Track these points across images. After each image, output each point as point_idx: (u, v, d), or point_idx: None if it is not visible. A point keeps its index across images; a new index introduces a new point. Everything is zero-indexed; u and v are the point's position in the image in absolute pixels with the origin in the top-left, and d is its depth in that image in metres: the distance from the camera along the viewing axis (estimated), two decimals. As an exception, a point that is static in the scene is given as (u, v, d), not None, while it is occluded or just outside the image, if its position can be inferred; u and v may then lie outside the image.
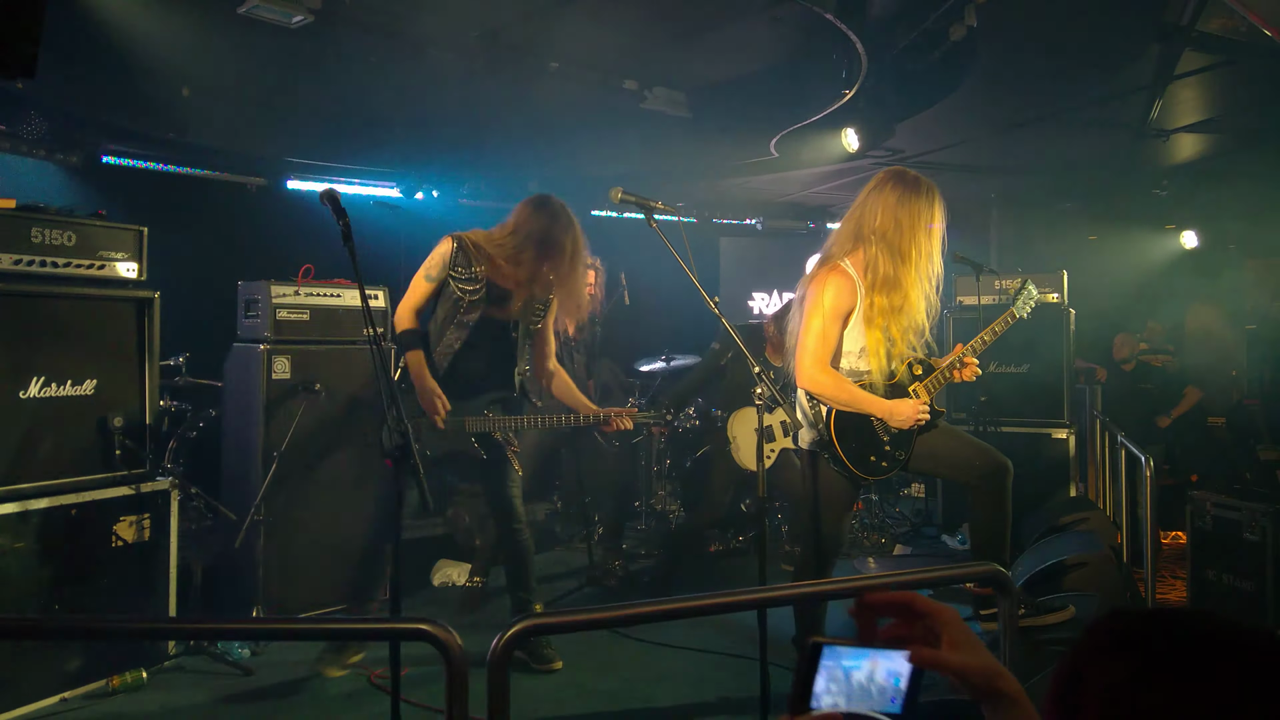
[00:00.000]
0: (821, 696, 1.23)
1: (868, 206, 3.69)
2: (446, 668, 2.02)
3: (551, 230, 4.23)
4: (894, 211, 3.61)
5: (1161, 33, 4.97)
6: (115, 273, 4.31)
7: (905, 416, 3.67)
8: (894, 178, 3.69)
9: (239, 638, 4.18)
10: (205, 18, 4.75)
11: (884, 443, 3.76)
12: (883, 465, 3.78)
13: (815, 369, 3.61)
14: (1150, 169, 8.48)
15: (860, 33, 4.86)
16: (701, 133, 6.59)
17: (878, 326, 3.62)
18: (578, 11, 4.97)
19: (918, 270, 3.61)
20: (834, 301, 3.59)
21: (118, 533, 4.23)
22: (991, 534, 3.93)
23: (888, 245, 3.60)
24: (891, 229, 3.60)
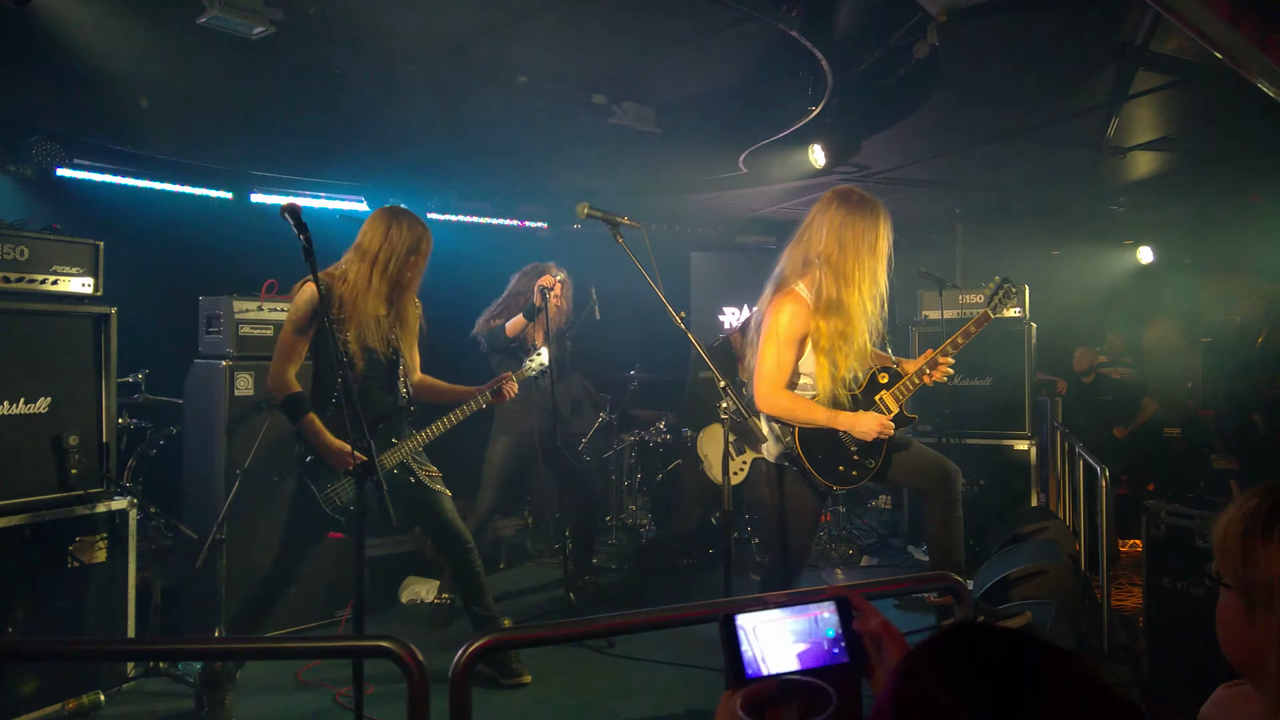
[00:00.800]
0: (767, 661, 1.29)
1: (813, 228, 3.68)
2: (408, 685, 2.02)
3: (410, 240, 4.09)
4: (838, 233, 3.59)
5: (1117, 53, 5.06)
6: (70, 288, 4.23)
7: (868, 429, 3.66)
8: (839, 198, 3.67)
9: (198, 658, 4.10)
10: (163, 29, 4.69)
11: (852, 452, 3.78)
12: (853, 474, 3.79)
13: (772, 392, 3.63)
14: (1109, 186, 8.62)
15: (825, 50, 4.91)
16: (671, 148, 6.62)
17: (822, 350, 3.61)
18: (545, 26, 4.98)
19: (861, 292, 3.59)
20: (789, 326, 3.59)
21: (74, 553, 4.15)
22: (948, 538, 3.98)
23: (832, 268, 3.59)
24: (836, 251, 3.59)
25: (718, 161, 7.14)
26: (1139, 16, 4.64)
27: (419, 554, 5.98)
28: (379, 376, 4.09)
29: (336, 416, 3.86)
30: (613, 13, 4.86)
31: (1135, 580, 6.20)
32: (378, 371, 4.08)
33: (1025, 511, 6.55)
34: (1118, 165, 7.60)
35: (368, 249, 4.03)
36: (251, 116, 6.13)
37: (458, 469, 5.33)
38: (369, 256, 4.01)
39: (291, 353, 3.91)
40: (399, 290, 4.09)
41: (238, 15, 4.41)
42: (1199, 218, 9.38)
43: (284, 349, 3.91)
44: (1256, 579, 1.29)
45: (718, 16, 4.81)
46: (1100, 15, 4.60)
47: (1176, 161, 7.70)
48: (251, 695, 4.24)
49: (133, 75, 5.20)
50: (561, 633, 2.44)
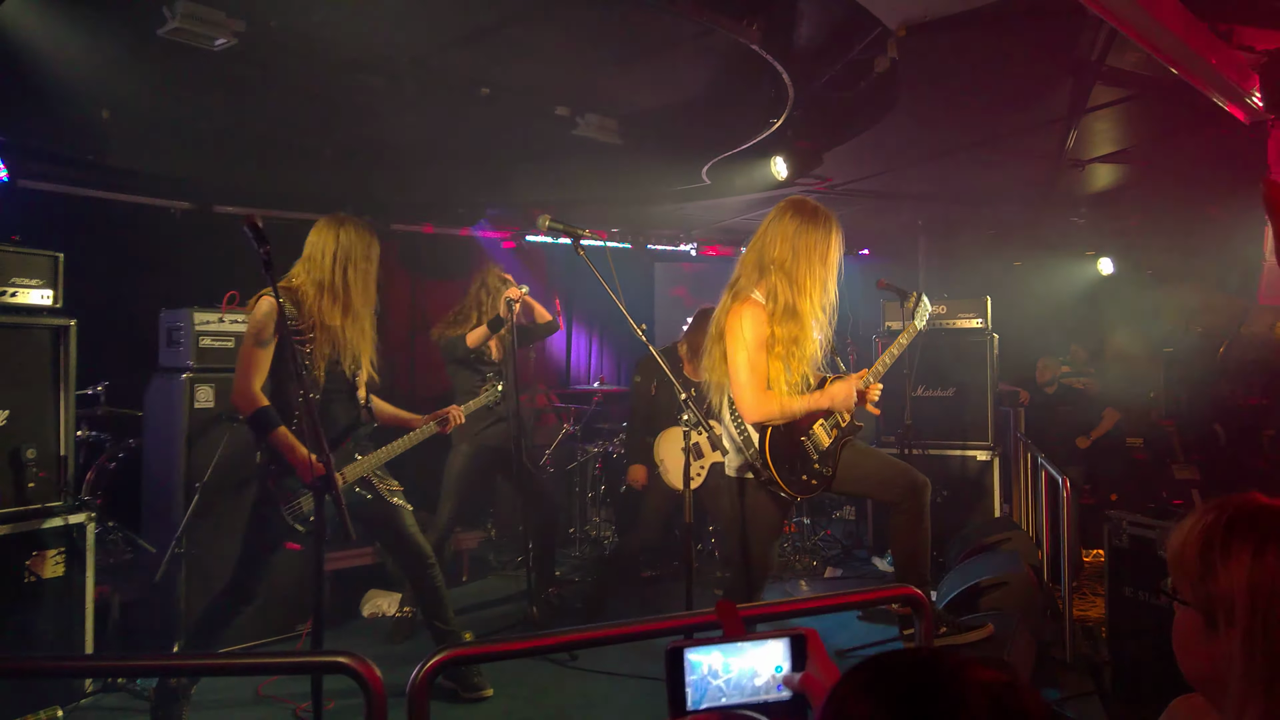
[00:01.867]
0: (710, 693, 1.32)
1: (768, 236, 3.71)
2: (365, 700, 2.02)
3: (359, 247, 4.05)
4: (791, 241, 3.64)
5: (1074, 68, 5.15)
6: (30, 300, 4.20)
7: (847, 395, 3.73)
8: (792, 207, 3.72)
9: (155, 673, 4.06)
10: (124, 39, 4.65)
11: (813, 460, 3.81)
12: (813, 483, 3.82)
13: (757, 398, 3.61)
14: (1069, 197, 8.74)
15: (786, 64, 4.95)
16: (634, 159, 6.64)
17: (777, 356, 3.64)
18: (508, 40, 4.98)
19: (812, 300, 3.65)
20: (754, 332, 3.61)
21: (31, 568, 4.11)
22: (914, 550, 4.01)
23: (785, 275, 3.63)
24: (789, 258, 3.63)
25: (681, 173, 7.17)
26: (1095, 32, 4.73)
27: (381, 567, 5.95)
28: (340, 390, 4.05)
29: (297, 432, 3.82)
30: (575, 26, 4.87)
31: (1098, 590, 6.27)
32: (339, 385, 4.04)
33: (988, 522, 6.60)
34: (1077, 177, 7.71)
35: (318, 259, 3.99)
36: (214, 128, 6.08)
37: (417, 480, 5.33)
38: (320, 266, 3.97)
39: (255, 366, 3.83)
40: (353, 299, 4.03)
41: (200, 27, 4.38)
42: (1158, 229, 9.53)
43: (247, 363, 3.82)
44: (1216, 594, 1.27)
45: (679, 30, 4.84)
46: (1057, 31, 4.67)
47: (1135, 174, 7.83)
48: (210, 711, 4.21)
49: (94, 86, 5.16)
50: (521, 646, 2.43)
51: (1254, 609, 1.23)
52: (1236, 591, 1.25)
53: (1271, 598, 1.22)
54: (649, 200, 8.24)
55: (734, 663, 1.38)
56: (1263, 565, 1.23)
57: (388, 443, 4.24)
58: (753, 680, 1.38)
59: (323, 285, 3.95)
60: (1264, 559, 1.23)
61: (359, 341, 4.09)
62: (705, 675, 1.36)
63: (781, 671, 1.39)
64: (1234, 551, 1.26)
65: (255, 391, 3.81)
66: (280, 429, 3.78)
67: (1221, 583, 1.26)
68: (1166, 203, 8.62)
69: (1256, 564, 1.23)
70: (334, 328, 3.96)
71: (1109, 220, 9.47)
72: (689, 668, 1.35)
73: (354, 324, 4.05)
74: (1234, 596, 1.25)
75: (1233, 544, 1.27)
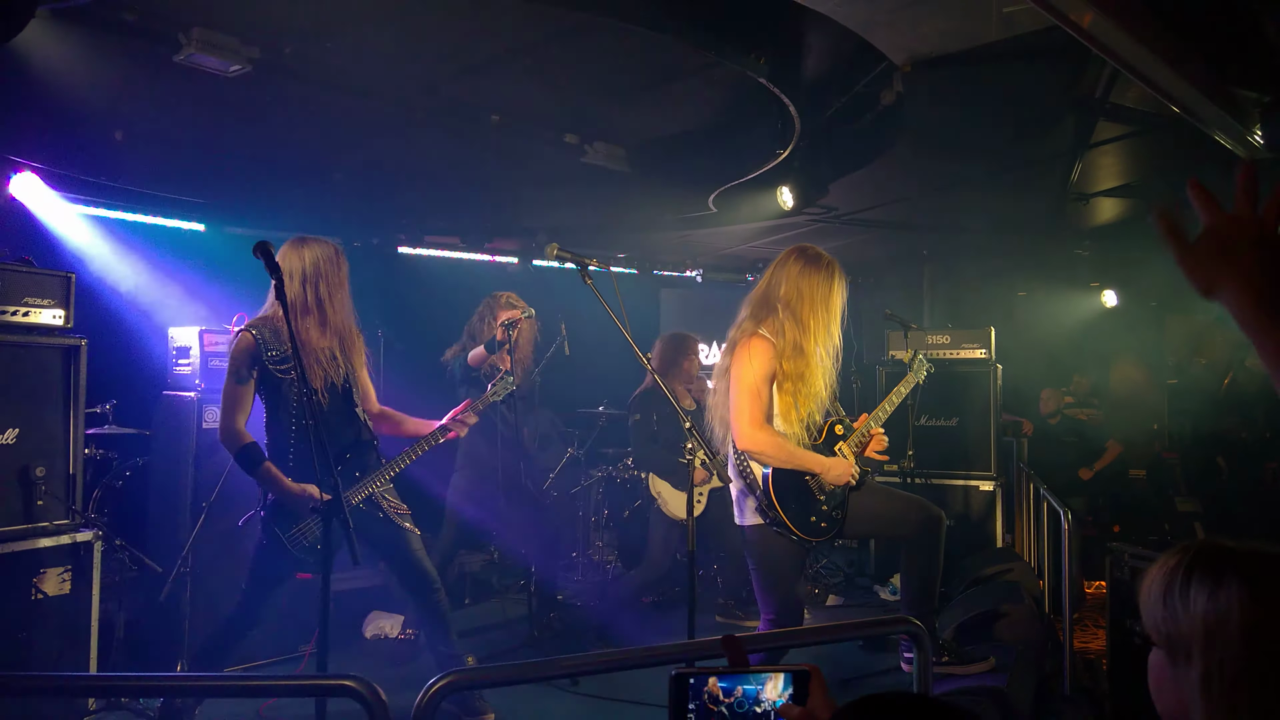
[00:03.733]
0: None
1: (774, 279, 3.86)
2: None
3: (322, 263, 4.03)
4: (796, 282, 3.77)
5: (1076, 104, 5.20)
6: (41, 320, 4.24)
7: (840, 472, 3.79)
8: (797, 253, 3.87)
9: (159, 694, 4.08)
10: (140, 65, 4.72)
11: (820, 503, 3.83)
12: (822, 526, 3.84)
13: (752, 428, 3.67)
14: (1073, 230, 8.78)
15: (793, 96, 5.01)
16: (641, 187, 6.70)
17: (787, 391, 3.73)
18: (518, 71, 5.05)
19: (817, 340, 3.75)
20: (761, 365, 3.68)
21: (38, 585, 4.13)
22: (924, 583, 4.07)
23: (792, 313, 3.75)
24: (795, 298, 3.76)
25: (688, 201, 7.23)
26: (1099, 70, 4.78)
27: (384, 588, 5.96)
28: (336, 409, 4.05)
29: (299, 458, 3.86)
30: (585, 57, 4.93)
31: (1100, 622, 6.26)
32: (334, 404, 4.04)
33: (990, 553, 6.61)
34: (1081, 210, 7.76)
35: (287, 283, 3.91)
36: (226, 149, 6.15)
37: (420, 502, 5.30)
38: (290, 289, 3.94)
39: (237, 403, 3.90)
40: (330, 315, 4.03)
41: (215, 53, 4.45)
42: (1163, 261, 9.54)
43: (228, 401, 3.91)
44: (1177, 635, 1.32)
45: (687, 61, 4.90)
46: (1061, 68, 4.73)
47: (1139, 207, 7.87)
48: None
49: (108, 108, 5.23)
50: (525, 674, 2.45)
51: (1210, 648, 1.27)
52: (1194, 631, 1.29)
53: (1226, 637, 1.26)
54: (656, 227, 8.31)
55: (737, 692, 1.42)
56: (1217, 605, 1.27)
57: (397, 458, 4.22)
58: (754, 710, 1.41)
59: (295, 307, 3.92)
60: (1219, 599, 1.27)
61: (346, 356, 4.09)
62: (707, 703, 1.40)
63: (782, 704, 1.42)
64: (1192, 593, 1.30)
65: (237, 428, 3.88)
66: (265, 464, 3.84)
67: (1182, 623, 1.31)
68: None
69: (1211, 604, 1.27)
70: (318, 348, 3.98)
71: (1113, 253, 9.51)
72: (692, 694, 1.39)
73: (337, 339, 4.06)
74: (1192, 636, 1.29)
75: (1191, 586, 1.31)
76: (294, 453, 3.88)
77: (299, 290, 3.96)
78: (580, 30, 4.49)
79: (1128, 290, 10.58)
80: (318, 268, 4.01)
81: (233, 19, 4.32)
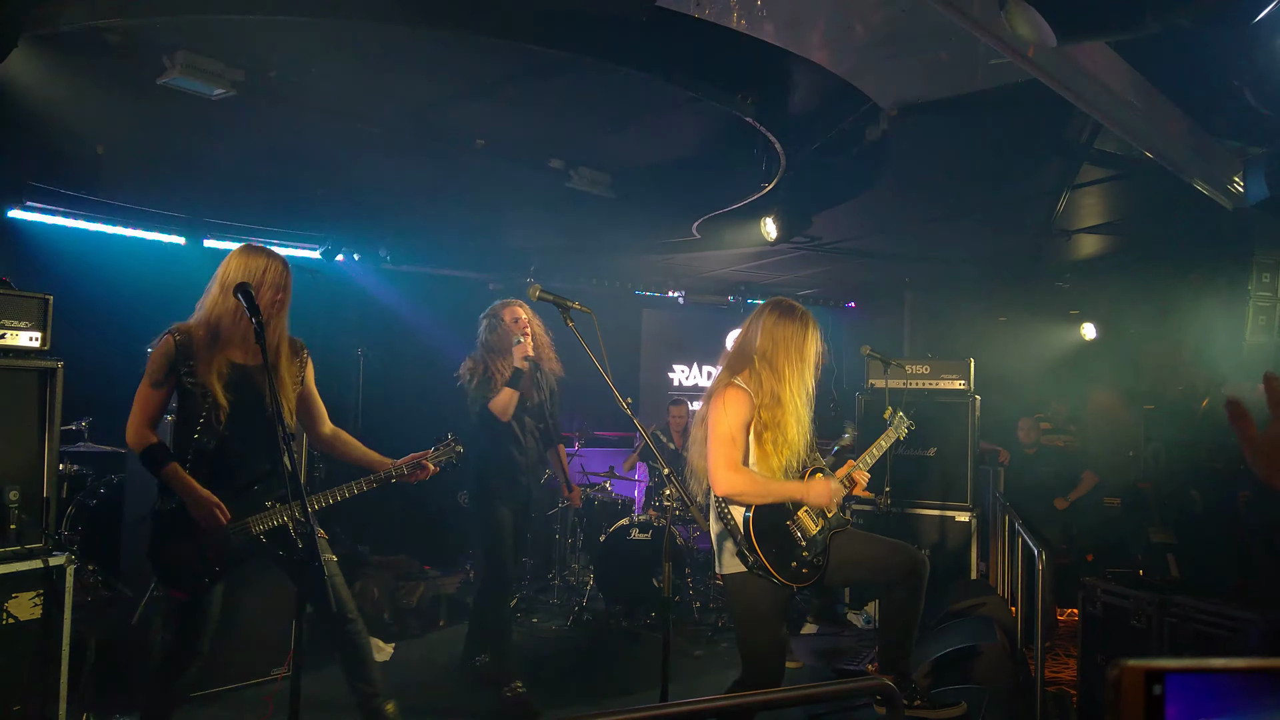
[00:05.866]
0: None
1: (749, 332, 3.91)
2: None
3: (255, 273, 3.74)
4: (771, 332, 3.82)
5: (1061, 148, 5.24)
6: (18, 342, 4.19)
7: (821, 493, 3.79)
8: (773, 306, 3.91)
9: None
10: (123, 86, 4.69)
11: (802, 549, 3.83)
12: (804, 571, 3.82)
13: (727, 471, 3.68)
14: (1054, 264, 8.85)
15: (779, 133, 5.03)
16: (625, 212, 6.70)
17: (766, 440, 3.75)
18: (504, 97, 5.05)
19: (792, 389, 3.78)
20: (736, 413, 3.71)
21: (9, 609, 4.09)
22: (903, 633, 4.09)
23: (768, 363, 3.79)
24: (770, 348, 3.80)
25: (671, 227, 7.25)
26: (1084, 118, 4.82)
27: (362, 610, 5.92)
28: (248, 434, 3.73)
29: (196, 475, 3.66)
30: (572, 87, 4.94)
31: (1071, 651, 6.31)
32: (246, 428, 3.72)
33: (964, 585, 6.63)
34: (1063, 245, 7.82)
35: (212, 293, 3.78)
36: (207, 165, 6.12)
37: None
38: (218, 300, 3.73)
39: (144, 405, 3.69)
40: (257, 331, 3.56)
41: (198, 77, 4.43)
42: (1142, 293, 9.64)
43: (138, 401, 3.70)
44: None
45: (674, 95, 4.91)
46: (1047, 116, 4.76)
47: (1120, 244, 7.93)
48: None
49: (90, 124, 5.19)
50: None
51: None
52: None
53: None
54: (639, 250, 8.32)
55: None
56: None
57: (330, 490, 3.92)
58: None
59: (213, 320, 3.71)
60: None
61: (276, 377, 3.72)
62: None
63: None
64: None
65: (140, 429, 3.67)
66: (171, 464, 3.60)
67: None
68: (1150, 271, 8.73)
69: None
70: (235, 365, 3.73)
71: (1093, 287, 9.59)
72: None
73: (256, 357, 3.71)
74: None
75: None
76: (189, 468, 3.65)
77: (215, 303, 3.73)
78: (567, 62, 4.48)
79: (1106, 321, 10.66)
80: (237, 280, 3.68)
81: (217, 43, 4.29)
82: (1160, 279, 8.78)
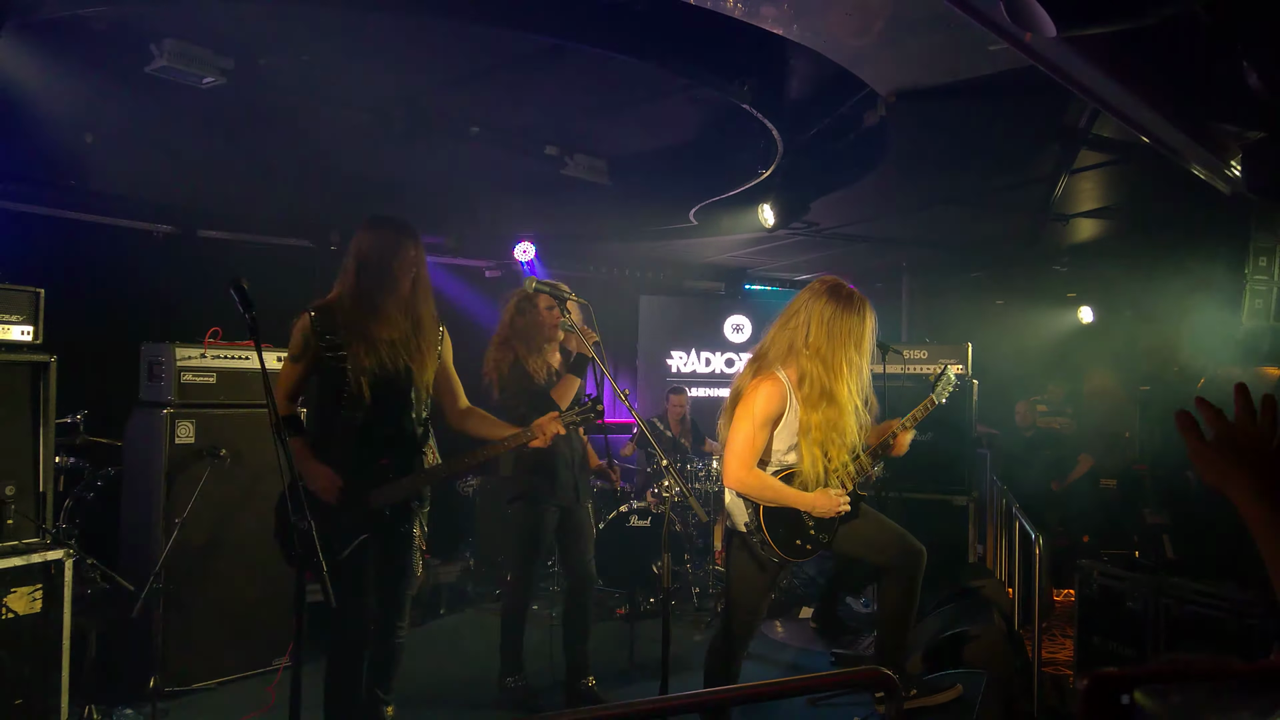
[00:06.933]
0: None
1: (801, 317, 3.75)
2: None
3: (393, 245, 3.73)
4: (826, 326, 3.67)
5: (1060, 134, 5.21)
6: (10, 336, 4.17)
7: (825, 508, 3.77)
8: (829, 292, 3.74)
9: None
10: (111, 76, 4.64)
11: (809, 527, 3.85)
12: (806, 548, 3.86)
13: (741, 471, 3.69)
14: (1052, 247, 8.83)
15: (776, 120, 5.00)
16: (622, 199, 6.67)
17: (815, 442, 3.68)
18: (499, 84, 5.01)
19: (849, 386, 3.68)
20: (765, 409, 3.66)
21: (8, 604, 4.09)
22: (899, 621, 4.09)
23: (821, 360, 3.67)
24: (825, 344, 3.66)
25: (668, 214, 7.21)
26: (1081, 104, 4.79)
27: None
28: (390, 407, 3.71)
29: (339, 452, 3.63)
30: (567, 74, 4.90)
31: (1068, 631, 6.35)
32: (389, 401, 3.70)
33: (962, 568, 6.66)
34: (1060, 230, 7.80)
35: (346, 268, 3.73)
36: (199, 155, 6.07)
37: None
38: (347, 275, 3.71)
39: (282, 379, 3.73)
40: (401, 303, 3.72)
41: (188, 65, 4.38)
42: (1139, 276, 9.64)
43: (280, 375, 3.74)
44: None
45: (671, 81, 4.88)
46: (1045, 102, 4.74)
47: (1117, 228, 7.92)
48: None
49: (78, 113, 5.14)
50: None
51: None
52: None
53: None
54: (636, 237, 8.28)
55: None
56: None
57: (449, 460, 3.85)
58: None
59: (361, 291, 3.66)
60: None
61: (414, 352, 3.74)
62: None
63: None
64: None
65: (282, 400, 3.68)
66: (294, 439, 3.55)
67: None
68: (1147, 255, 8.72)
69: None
70: (381, 340, 3.65)
71: (1091, 271, 9.58)
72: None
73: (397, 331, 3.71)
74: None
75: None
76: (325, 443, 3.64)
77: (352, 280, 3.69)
78: (562, 49, 4.45)
79: (1104, 303, 10.66)
80: (369, 255, 3.69)
81: (207, 31, 4.24)
82: (1157, 263, 8.76)
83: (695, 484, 7.34)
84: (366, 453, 3.67)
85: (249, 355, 5.23)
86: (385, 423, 3.71)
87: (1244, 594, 4.64)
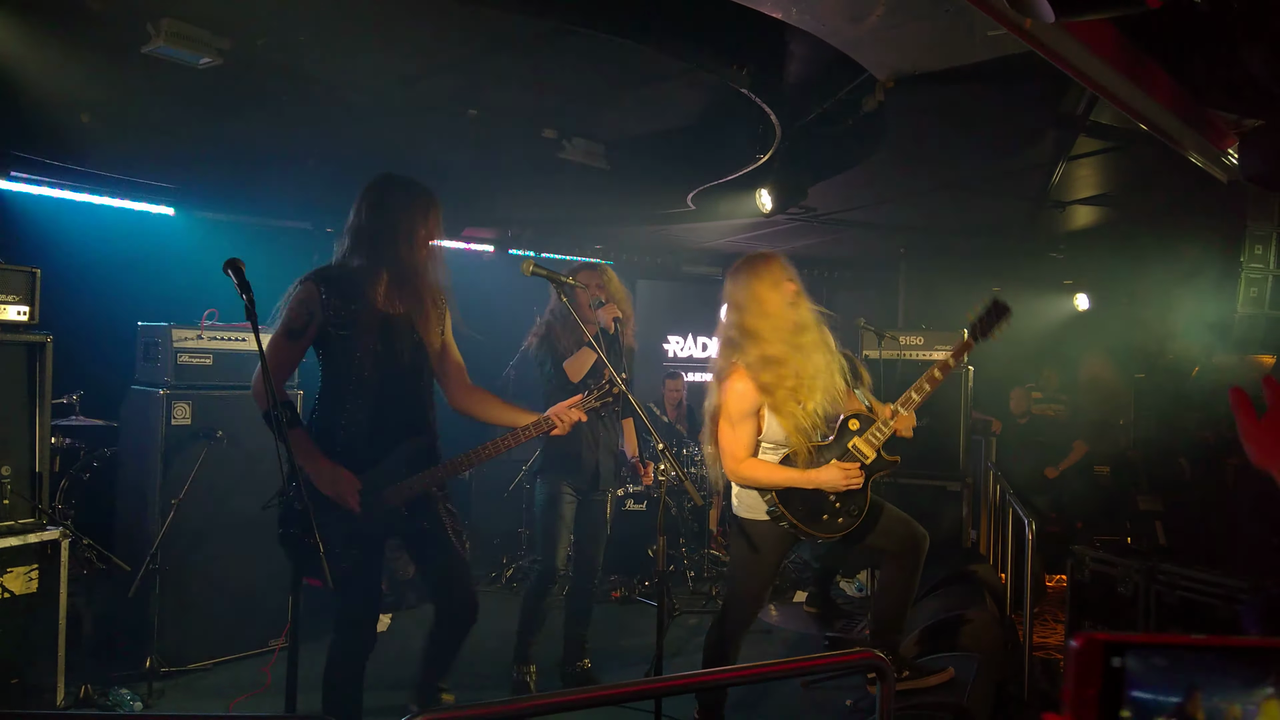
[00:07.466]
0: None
1: (725, 304, 3.87)
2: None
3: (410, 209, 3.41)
4: (734, 297, 3.80)
5: (1058, 120, 5.21)
6: (6, 316, 4.17)
7: (830, 481, 3.72)
8: (727, 275, 3.89)
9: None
10: (106, 55, 4.61)
11: (832, 501, 3.82)
12: (838, 522, 3.82)
13: (735, 465, 3.75)
14: (1049, 234, 8.83)
15: (775, 105, 4.99)
16: (620, 183, 6.65)
17: (786, 413, 3.70)
18: (497, 66, 4.99)
19: (778, 333, 3.69)
20: (738, 404, 3.70)
21: (5, 584, 4.10)
22: (897, 606, 4.12)
23: (746, 332, 3.73)
24: (737, 317, 3.77)
25: (666, 198, 7.20)
26: (1080, 90, 4.79)
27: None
28: (400, 391, 3.39)
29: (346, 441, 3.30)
30: (565, 56, 4.88)
31: (1060, 617, 6.39)
32: (398, 384, 3.38)
33: (956, 554, 6.69)
34: (1057, 216, 7.80)
35: (363, 231, 3.38)
36: (197, 136, 6.04)
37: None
38: (367, 238, 3.36)
39: (274, 359, 3.21)
40: (413, 275, 3.37)
41: (184, 45, 4.34)
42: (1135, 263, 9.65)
43: (269, 354, 3.11)
44: None
45: (669, 65, 4.86)
46: (1043, 88, 4.73)
47: (1114, 214, 7.92)
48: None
49: (74, 93, 5.11)
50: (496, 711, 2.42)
51: None
52: None
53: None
54: (633, 221, 8.27)
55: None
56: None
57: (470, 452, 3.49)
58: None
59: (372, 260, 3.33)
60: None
61: (424, 327, 3.44)
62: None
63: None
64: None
65: (279, 385, 3.15)
66: (294, 430, 3.09)
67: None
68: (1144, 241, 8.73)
69: None
70: (392, 314, 3.35)
71: (1088, 258, 9.59)
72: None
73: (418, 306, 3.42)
74: None
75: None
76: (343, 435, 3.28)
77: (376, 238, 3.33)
78: (560, 31, 4.43)
79: (1101, 291, 10.67)
80: (402, 218, 3.36)
81: (204, 10, 4.21)
82: (1154, 250, 8.77)
83: (691, 468, 7.36)
84: (380, 444, 3.32)
85: (245, 337, 5.23)
86: (399, 408, 3.38)
87: (1234, 580, 4.67)
